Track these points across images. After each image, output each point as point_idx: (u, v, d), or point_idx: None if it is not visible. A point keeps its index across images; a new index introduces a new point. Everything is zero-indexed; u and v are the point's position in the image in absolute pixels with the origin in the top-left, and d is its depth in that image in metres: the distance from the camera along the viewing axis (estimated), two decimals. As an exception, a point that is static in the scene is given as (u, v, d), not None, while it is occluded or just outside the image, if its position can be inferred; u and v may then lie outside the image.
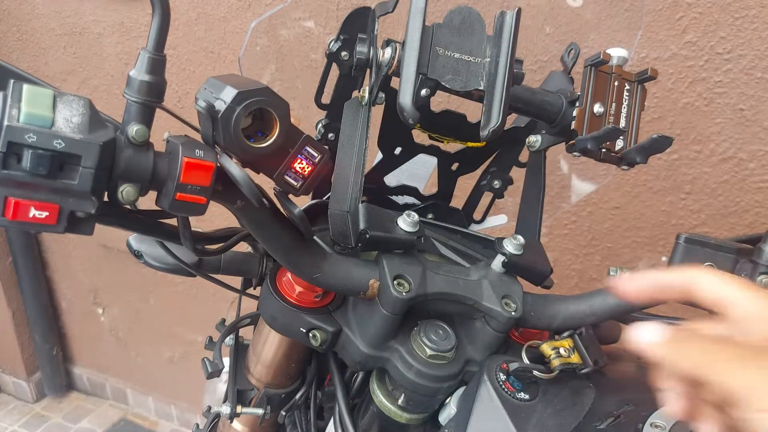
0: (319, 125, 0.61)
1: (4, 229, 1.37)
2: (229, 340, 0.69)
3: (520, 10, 0.45)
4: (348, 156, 0.50)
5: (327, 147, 0.45)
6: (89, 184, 0.35)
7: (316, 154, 0.44)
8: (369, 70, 0.50)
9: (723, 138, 1.00)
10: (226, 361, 0.67)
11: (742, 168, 1.01)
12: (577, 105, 0.52)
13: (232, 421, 0.69)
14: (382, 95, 0.57)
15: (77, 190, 0.35)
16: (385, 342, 0.51)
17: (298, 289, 0.54)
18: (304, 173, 0.44)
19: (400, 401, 0.53)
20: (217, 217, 0.85)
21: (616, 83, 0.53)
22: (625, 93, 0.54)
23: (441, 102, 0.96)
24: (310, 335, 0.53)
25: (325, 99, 0.60)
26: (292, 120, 0.42)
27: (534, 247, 0.56)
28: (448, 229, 0.67)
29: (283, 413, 0.68)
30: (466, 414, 0.48)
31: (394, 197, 0.69)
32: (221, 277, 0.60)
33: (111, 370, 2.16)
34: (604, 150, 0.53)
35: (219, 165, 0.38)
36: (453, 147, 0.66)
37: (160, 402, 2.10)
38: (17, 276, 1.92)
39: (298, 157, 0.43)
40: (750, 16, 0.92)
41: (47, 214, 0.35)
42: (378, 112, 0.60)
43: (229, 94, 0.38)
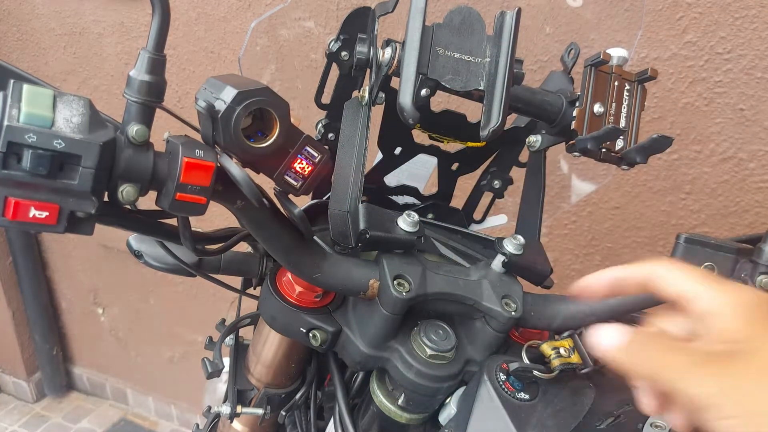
0: (319, 125, 0.61)
1: (4, 229, 1.36)
2: (229, 340, 0.69)
3: (520, 10, 0.45)
4: (348, 156, 0.50)
5: (327, 147, 0.45)
6: (89, 184, 0.35)
7: (316, 154, 0.44)
8: (369, 70, 0.50)
9: (723, 138, 1.00)
10: (226, 361, 0.67)
11: (742, 168, 1.01)
12: (577, 105, 0.52)
13: (232, 421, 0.69)
14: (382, 95, 0.57)
15: (77, 190, 0.35)
16: (385, 342, 0.51)
17: (298, 289, 0.54)
18: (304, 173, 0.44)
19: (400, 401, 0.53)
20: (217, 217, 0.85)
21: (616, 83, 0.53)
22: (625, 93, 0.54)
23: (441, 102, 0.96)
24: (310, 335, 0.53)
25: (325, 99, 0.60)
26: (292, 120, 0.42)
27: (534, 247, 0.56)
28: (448, 229, 0.66)
29: (283, 413, 0.68)
30: (466, 414, 0.48)
31: (394, 197, 0.69)
32: (221, 277, 0.60)
33: (111, 370, 2.16)
34: (604, 150, 0.53)
35: (219, 165, 0.38)
36: (453, 147, 0.66)
37: (160, 402, 2.10)
38: (17, 276, 1.92)
39: (298, 157, 0.43)
40: (750, 16, 0.92)
41: (47, 214, 0.34)
42: (378, 112, 0.60)
43: (229, 94, 0.38)
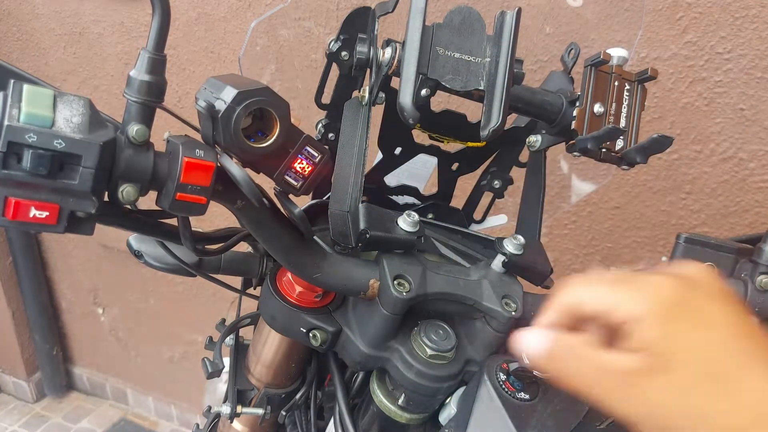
0: (319, 125, 0.61)
1: (4, 229, 1.36)
2: (229, 340, 0.69)
3: (520, 10, 0.45)
4: (348, 156, 0.50)
5: (327, 147, 0.45)
6: (89, 184, 0.35)
7: (316, 154, 0.44)
8: (369, 70, 0.50)
9: (723, 138, 1.00)
10: (226, 361, 0.67)
11: (742, 168, 1.01)
12: (577, 105, 0.52)
13: (232, 421, 0.69)
14: (382, 95, 0.57)
15: (77, 190, 0.35)
16: (385, 342, 0.51)
17: (298, 289, 0.54)
18: (304, 173, 0.44)
19: (400, 401, 0.53)
20: (217, 217, 0.85)
21: (616, 83, 0.53)
22: (625, 93, 0.54)
23: (441, 102, 0.96)
24: (310, 335, 0.53)
25: (325, 99, 0.60)
26: (292, 120, 0.42)
27: (534, 247, 0.56)
28: (448, 229, 0.66)
29: (283, 413, 0.68)
30: (466, 414, 0.48)
31: (394, 197, 0.69)
32: (221, 277, 0.60)
33: (111, 370, 2.16)
34: (604, 150, 0.53)
35: (219, 165, 0.38)
36: (453, 147, 0.66)
37: (160, 402, 2.10)
38: (17, 276, 1.92)
39: (298, 157, 0.43)
40: (750, 16, 0.92)
41: (47, 214, 0.34)
42: (378, 112, 0.60)
43: (229, 94, 0.38)
